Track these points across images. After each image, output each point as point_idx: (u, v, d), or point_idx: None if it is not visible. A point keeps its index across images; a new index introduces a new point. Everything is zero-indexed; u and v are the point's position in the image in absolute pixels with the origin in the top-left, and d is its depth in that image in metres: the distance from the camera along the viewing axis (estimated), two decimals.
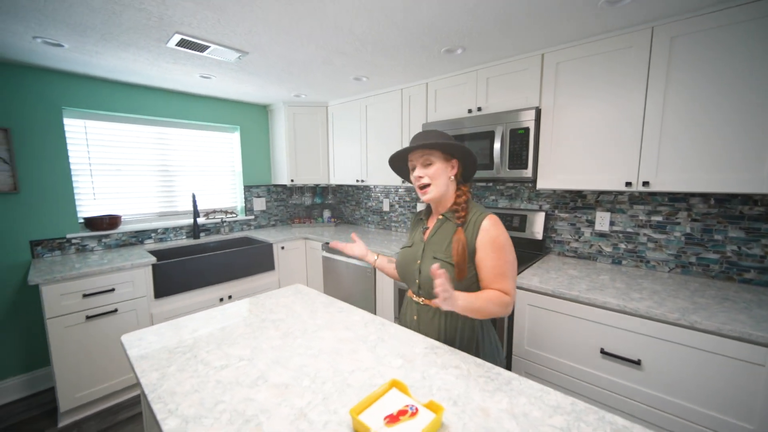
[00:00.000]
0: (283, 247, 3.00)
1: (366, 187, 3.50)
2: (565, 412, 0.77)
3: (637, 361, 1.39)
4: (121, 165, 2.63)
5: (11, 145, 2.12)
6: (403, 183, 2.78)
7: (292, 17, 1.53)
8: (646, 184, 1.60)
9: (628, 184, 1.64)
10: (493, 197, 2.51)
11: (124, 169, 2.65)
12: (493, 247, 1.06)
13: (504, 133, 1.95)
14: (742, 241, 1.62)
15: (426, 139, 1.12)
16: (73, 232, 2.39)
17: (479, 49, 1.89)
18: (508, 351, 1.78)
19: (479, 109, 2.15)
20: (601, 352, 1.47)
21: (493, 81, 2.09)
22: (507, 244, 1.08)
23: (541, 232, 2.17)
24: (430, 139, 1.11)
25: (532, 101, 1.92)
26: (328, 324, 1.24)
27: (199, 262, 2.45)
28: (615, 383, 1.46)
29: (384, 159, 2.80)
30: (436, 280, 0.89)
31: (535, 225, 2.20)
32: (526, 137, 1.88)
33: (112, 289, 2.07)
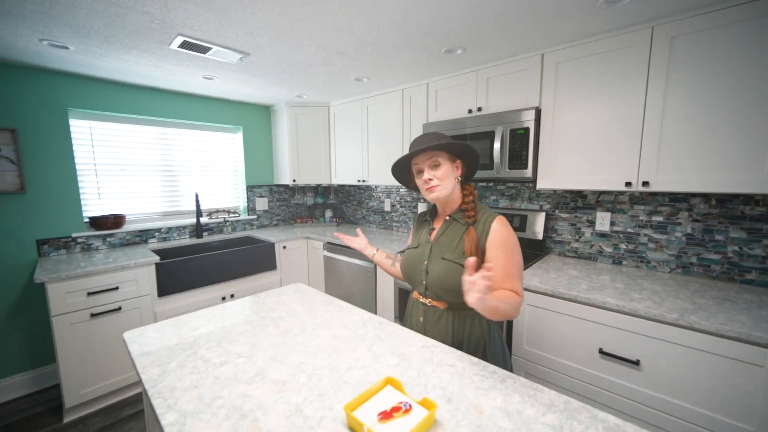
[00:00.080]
0: (285, 247, 3.03)
1: (367, 187, 3.52)
2: (558, 411, 0.77)
3: (635, 362, 1.39)
4: (125, 165, 2.66)
5: (18, 146, 2.15)
6: None
7: (293, 18, 1.55)
8: (645, 184, 1.59)
9: (628, 184, 1.64)
10: (493, 197, 2.51)
11: (129, 169, 2.68)
12: (504, 248, 1.06)
13: (504, 133, 1.96)
14: (743, 241, 1.61)
15: (430, 141, 1.10)
16: (78, 231, 2.43)
17: (479, 49, 1.90)
18: (508, 351, 1.77)
19: (479, 109, 2.15)
20: (600, 352, 1.47)
21: (493, 81, 2.09)
22: (516, 245, 1.08)
23: (542, 232, 2.17)
24: (434, 141, 1.10)
25: (532, 101, 1.92)
26: (327, 322, 1.25)
27: (201, 261, 2.47)
28: (614, 383, 1.46)
29: (385, 159, 2.81)
30: (469, 276, 0.86)
31: (536, 225, 2.20)
32: (526, 137, 1.89)
33: (117, 288, 2.10)
